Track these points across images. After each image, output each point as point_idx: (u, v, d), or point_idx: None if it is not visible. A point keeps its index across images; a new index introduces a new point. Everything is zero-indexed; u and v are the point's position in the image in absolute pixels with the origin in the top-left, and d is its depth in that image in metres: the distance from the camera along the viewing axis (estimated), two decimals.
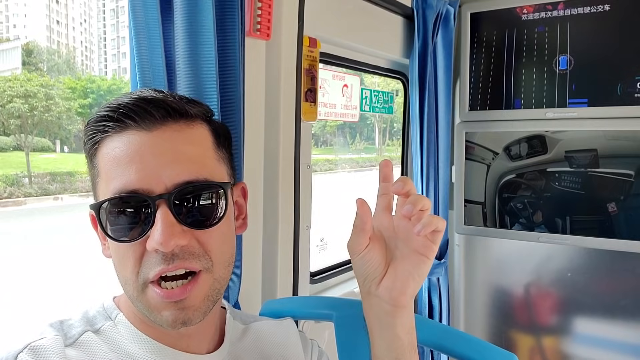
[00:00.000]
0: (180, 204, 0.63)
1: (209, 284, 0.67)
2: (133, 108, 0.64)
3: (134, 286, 0.65)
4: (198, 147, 0.67)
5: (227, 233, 0.70)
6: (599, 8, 1.83)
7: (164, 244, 0.61)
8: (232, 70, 1.06)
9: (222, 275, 0.69)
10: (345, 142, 18.91)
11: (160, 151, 0.63)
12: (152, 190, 0.62)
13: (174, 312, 0.64)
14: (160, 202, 0.62)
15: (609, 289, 1.98)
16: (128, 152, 0.63)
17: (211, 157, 0.68)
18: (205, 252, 0.66)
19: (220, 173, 0.69)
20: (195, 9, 0.98)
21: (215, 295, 0.68)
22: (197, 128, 0.68)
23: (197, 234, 0.65)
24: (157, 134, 0.64)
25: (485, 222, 2.09)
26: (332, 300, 1.12)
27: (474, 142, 2.09)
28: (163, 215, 0.62)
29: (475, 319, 2.27)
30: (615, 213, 1.85)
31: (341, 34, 1.64)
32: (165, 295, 0.63)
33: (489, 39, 2.03)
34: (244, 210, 0.80)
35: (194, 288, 0.65)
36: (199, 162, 0.66)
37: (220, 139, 0.72)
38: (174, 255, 0.63)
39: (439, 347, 0.93)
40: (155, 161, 0.63)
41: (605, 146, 1.85)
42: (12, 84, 14.74)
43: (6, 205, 11.28)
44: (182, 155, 0.64)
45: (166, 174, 0.63)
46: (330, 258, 1.93)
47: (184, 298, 0.64)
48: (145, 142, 0.63)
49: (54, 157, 17.02)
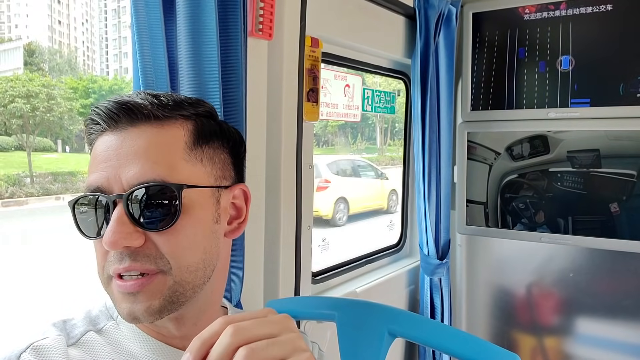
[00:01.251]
0: (135, 204, 0.63)
1: (167, 285, 0.65)
2: (104, 111, 0.66)
3: (101, 279, 0.67)
4: (162, 147, 0.66)
5: (192, 237, 0.67)
6: (601, 8, 1.82)
7: (110, 244, 0.62)
8: (235, 70, 1.06)
9: (185, 279, 0.66)
10: (347, 142, 18.90)
11: (124, 152, 0.65)
12: (112, 190, 0.64)
13: (130, 304, 0.64)
14: (117, 201, 0.63)
15: (611, 289, 1.98)
16: (101, 152, 0.66)
17: (179, 158, 0.67)
18: (163, 255, 0.65)
19: (189, 174, 0.67)
20: (198, 9, 0.98)
21: (177, 298, 0.66)
22: (168, 129, 0.67)
23: (152, 236, 0.64)
24: (125, 135, 0.66)
25: (487, 222, 2.09)
26: (334, 301, 1.12)
27: (476, 142, 2.09)
28: (115, 215, 0.63)
29: (477, 319, 2.27)
30: (617, 213, 1.84)
31: (343, 34, 1.64)
32: (121, 286, 0.64)
33: (491, 38, 2.03)
34: (242, 213, 0.76)
35: (148, 284, 0.64)
36: (161, 162, 0.65)
37: (201, 139, 0.70)
38: (127, 255, 0.63)
39: (441, 347, 0.93)
40: (117, 161, 0.64)
41: (607, 146, 1.85)
42: (14, 84, 14.77)
43: (8, 205, 11.30)
44: (143, 156, 0.64)
45: (124, 174, 0.64)
46: (332, 258, 1.93)
47: (136, 292, 0.64)
48: (113, 144, 0.66)
49: (56, 157, 17.06)
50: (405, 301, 2.13)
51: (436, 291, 2.07)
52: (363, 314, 1.00)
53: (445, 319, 2.08)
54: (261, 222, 1.34)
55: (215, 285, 0.75)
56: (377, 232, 5.66)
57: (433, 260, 2.02)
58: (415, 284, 2.16)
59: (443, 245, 2.06)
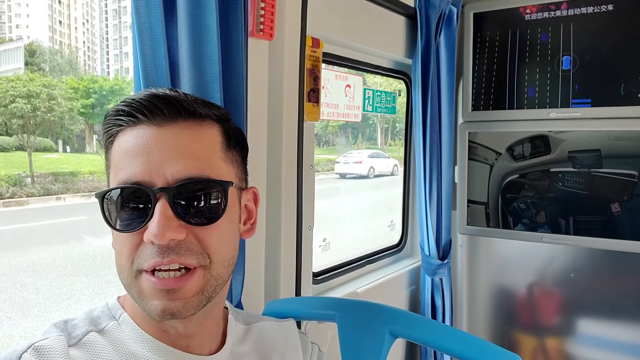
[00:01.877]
0: (180, 199, 0.64)
1: (205, 279, 0.67)
2: (145, 104, 0.66)
3: (127, 272, 0.66)
4: (204, 145, 0.67)
5: (228, 234, 0.70)
6: (603, 8, 1.82)
7: (158, 237, 0.62)
8: (236, 70, 1.06)
9: (220, 274, 0.68)
10: (347, 142, 18.90)
11: (167, 146, 0.65)
12: (154, 183, 0.64)
13: (164, 302, 0.64)
14: (160, 195, 0.63)
15: (612, 289, 1.98)
16: (137, 145, 0.65)
17: (217, 157, 0.69)
18: (203, 250, 0.66)
19: (225, 173, 0.70)
20: (199, 9, 0.98)
21: (210, 292, 0.68)
22: (206, 128, 0.69)
23: (195, 230, 0.65)
24: (165, 130, 0.66)
25: (488, 222, 2.08)
26: (335, 301, 1.12)
27: (476, 142, 2.08)
28: (161, 209, 0.63)
29: (478, 319, 2.27)
30: (618, 213, 1.84)
31: (344, 34, 1.64)
32: (159, 282, 0.64)
33: (492, 39, 2.03)
34: (253, 215, 0.80)
35: (188, 280, 0.65)
36: (203, 160, 0.66)
37: (231, 142, 0.73)
38: (170, 249, 0.63)
39: (443, 348, 0.93)
40: (160, 155, 0.64)
41: (608, 146, 1.85)
42: (15, 84, 14.77)
43: (9, 205, 11.31)
44: (186, 152, 0.65)
45: (169, 168, 0.64)
46: (332, 258, 1.94)
47: (177, 289, 0.64)
48: (153, 137, 0.65)
49: (56, 157, 17.06)
50: (406, 301, 2.13)
51: (437, 291, 2.06)
52: (364, 314, 1.00)
53: (447, 319, 2.08)
54: (262, 222, 1.34)
55: (227, 284, 0.76)
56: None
57: (434, 261, 2.02)
58: (416, 284, 2.16)
59: (444, 245, 2.06)
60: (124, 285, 0.68)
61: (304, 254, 1.45)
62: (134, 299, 0.68)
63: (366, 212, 9.81)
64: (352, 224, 9.20)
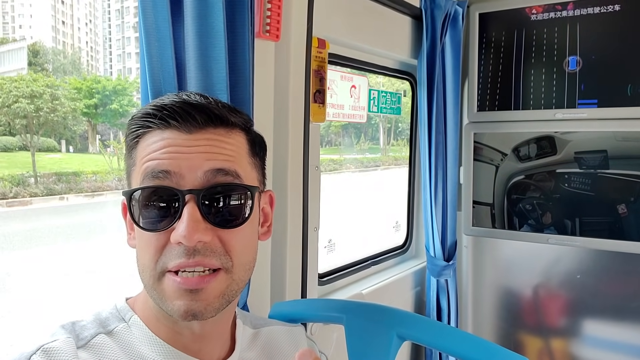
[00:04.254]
0: (209, 201, 0.65)
1: (227, 283, 0.67)
2: (177, 110, 0.66)
3: (151, 274, 0.66)
4: (233, 151, 0.69)
5: (250, 237, 0.71)
6: (609, 8, 1.81)
7: (187, 238, 0.63)
8: (242, 71, 1.06)
9: (240, 277, 0.70)
10: (350, 142, 18.90)
11: (198, 150, 0.66)
12: (183, 184, 0.65)
13: (187, 302, 0.64)
14: (189, 197, 0.64)
15: (618, 291, 1.97)
16: (165, 145, 0.66)
17: (245, 162, 0.71)
18: (227, 252, 0.67)
19: (251, 178, 0.72)
20: (206, 11, 0.98)
21: (231, 295, 0.69)
22: (234, 135, 0.71)
23: (220, 233, 0.66)
24: (196, 136, 0.67)
25: (494, 223, 2.08)
26: (342, 303, 1.11)
27: (482, 143, 2.08)
28: (190, 211, 0.63)
29: (484, 320, 2.26)
30: (625, 215, 1.83)
31: (349, 35, 1.64)
32: (183, 281, 0.64)
33: (498, 39, 2.02)
34: (269, 218, 0.81)
35: (211, 281, 0.65)
36: (233, 165, 0.68)
37: (256, 148, 0.75)
38: (196, 250, 0.64)
39: (451, 351, 0.92)
40: (190, 158, 0.65)
41: (615, 147, 1.84)
42: (18, 85, 14.80)
43: (12, 205, 11.33)
44: (217, 156, 0.67)
45: (199, 171, 0.65)
46: (338, 259, 1.93)
47: (200, 289, 0.65)
48: (183, 142, 0.66)
49: (60, 157, 17.09)
50: (411, 303, 2.13)
51: (442, 293, 2.06)
52: (371, 317, 1.00)
53: (452, 321, 2.07)
54: None
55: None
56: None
57: (439, 262, 2.01)
58: (421, 286, 2.16)
59: (449, 246, 2.05)
60: (146, 285, 0.68)
61: (310, 256, 1.45)
62: (154, 299, 0.68)
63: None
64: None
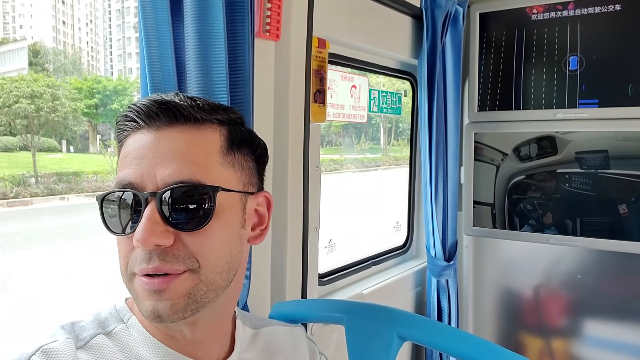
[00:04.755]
0: (169, 203, 0.63)
1: (194, 283, 0.65)
2: (143, 109, 0.66)
3: (124, 275, 0.67)
4: (199, 149, 0.67)
5: (221, 239, 0.67)
6: (610, 8, 1.81)
7: (142, 241, 0.62)
8: (242, 71, 1.06)
9: (211, 279, 0.66)
10: (351, 142, 18.90)
11: (160, 150, 0.65)
12: (145, 187, 0.64)
13: (154, 302, 0.64)
14: (150, 199, 0.63)
15: (619, 291, 1.97)
16: (134, 149, 0.66)
17: (214, 161, 0.67)
18: (192, 255, 0.65)
19: (222, 178, 0.68)
20: (206, 11, 0.98)
21: (199, 296, 0.66)
22: (204, 132, 0.68)
23: (182, 236, 0.64)
24: (162, 134, 0.66)
25: (495, 223, 2.07)
26: (343, 304, 1.11)
27: (483, 143, 2.07)
28: (148, 213, 0.63)
29: (484, 321, 2.26)
30: (626, 215, 1.83)
31: (350, 35, 1.63)
32: (146, 283, 0.64)
33: (498, 39, 2.02)
34: (265, 220, 0.77)
35: (173, 281, 0.64)
36: (197, 164, 0.65)
37: (234, 145, 0.71)
38: (156, 255, 0.63)
39: (452, 351, 0.92)
40: (154, 159, 0.64)
41: (616, 147, 1.84)
42: (19, 85, 14.81)
43: (13, 205, 11.34)
44: (179, 156, 0.65)
45: (160, 172, 0.64)
46: (338, 259, 1.92)
47: (163, 289, 0.63)
48: (150, 141, 0.65)
49: (60, 157, 17.10)
50: (412, 303, 2.12)
51: (443, 293, 2.06)
52: (372, 317, 1.00)
53: (452, 321, 2.07)
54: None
55: (233, 290, 0.74)
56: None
57: (440, 262, 2.01)
58: (422, 286, 2.15)
59: (450, 246, 2.05)
60: (126, 287, 0.68)
61: (310, 256, 1.45)
62: (134, 299, 0.68)
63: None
64: None
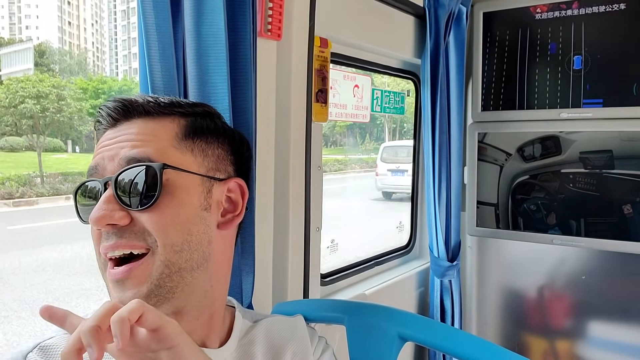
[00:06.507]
0: (122, 184, 0.66)
1: (153, 267, 0.66)
2: (102, 110, 0.73)
3: (99, 265, 0.69)
4: (152, 134, 0.70)
5: (177, 217, 0.68)
6: (614, 7, 1.80)
7: (94, 220, 0.65)
8: (244, 71, 1.05)
9: (170, 259, 0.67)
10: (355, 142, 18.88)
11: (118, 139, 0.70)
12: (105, 174, 0.69)
13: (119, 294, 0.65)
14: (108, 184, 0.67)
15: (624, 291, 1.95)
16: (99, 144, 0.72)
17: (168, 144, 0.71)
18: (149, 232, 0.66)
19: (177, 160, 0.70)
20: (206, 10, 0.97)
21: (164, 281, 0.66)
22: (159, 122, 0.72)
23: (138, 215, 0.66)
24: (120, 127, 0.71)
25: (498, 223, 2.06)
26: (344, 304, 1.11)
27: (486, 142, 2.06)
28: (104, 195, 0.66)
29: (488, 321, 2.25)
30: (630, 215, 1.82)
31: (352, 34, 1.63)
32: (112, 273, 0.66)
33: (502, 38, 2.01)
34: (238, 207, 0.77)
35: (135, 269, 0.65)
36: (148, 147, 0.69)
37: (194, 133, 0.73)
38: (113, 233, 0.66)
39: (454, 352, 0.91)
40: (112, 147, 0.69)
41: (620, 147, 1.82)
42: (25, 85, 14.90)
43: (19, 204, 11.40)
44: (132, 140, 0.69)
45: (117, 157, 0.68)
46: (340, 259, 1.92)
47: (125, 278, 0.65)
48: (110, 135, 0.71)
49: (66, 157, 17.19)
50: (415, 303, 2.12)
51: (446, 293, 2.05)
52: (373, 317, 0.99)
53: (456, 322, 2.06)
54: (270, 223, 1.33)
55: (215, 278, 0.74)
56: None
57: (443, 262, 2.00)
58: (425, 286, 2.15)
59: (453, 247, 2.04)
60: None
61: (312, 256, 1.44)
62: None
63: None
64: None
